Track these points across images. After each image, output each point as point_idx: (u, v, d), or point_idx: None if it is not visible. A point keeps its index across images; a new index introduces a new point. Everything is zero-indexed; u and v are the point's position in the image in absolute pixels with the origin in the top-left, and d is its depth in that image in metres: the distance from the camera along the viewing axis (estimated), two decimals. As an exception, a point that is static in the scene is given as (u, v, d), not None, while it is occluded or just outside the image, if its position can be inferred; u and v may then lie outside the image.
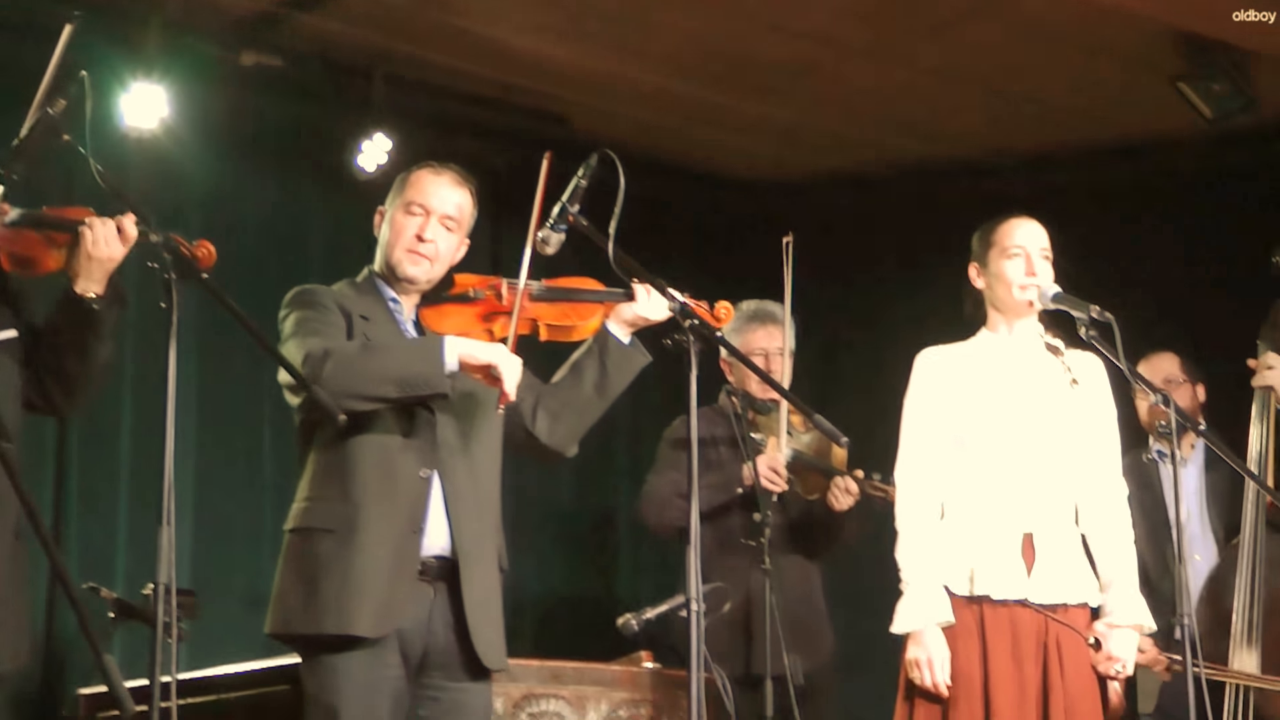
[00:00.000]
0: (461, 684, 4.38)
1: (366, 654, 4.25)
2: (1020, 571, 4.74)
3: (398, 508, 4.31)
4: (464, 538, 4.37)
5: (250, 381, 7.12)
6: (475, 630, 4.34)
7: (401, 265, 4.50)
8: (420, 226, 4.51)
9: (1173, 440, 4.73)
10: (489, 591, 4.43)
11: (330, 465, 4.36)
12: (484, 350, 4.28)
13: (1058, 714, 4.65)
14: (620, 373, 4.53)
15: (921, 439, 4.91)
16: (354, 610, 4.23)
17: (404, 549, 4.29)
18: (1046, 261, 4.90)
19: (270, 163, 7.57)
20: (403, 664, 4.31)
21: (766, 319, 6.27)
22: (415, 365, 4.27)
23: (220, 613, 6.80)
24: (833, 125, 8.01)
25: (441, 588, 4.35)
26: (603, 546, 8.51)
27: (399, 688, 4.30)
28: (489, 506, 4.49)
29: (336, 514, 4.31)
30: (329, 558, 4.27)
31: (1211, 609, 6.17)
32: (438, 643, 4.34)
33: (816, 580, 6.24)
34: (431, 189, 4.55)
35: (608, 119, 7.80)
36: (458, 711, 4.38)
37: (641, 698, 5.35)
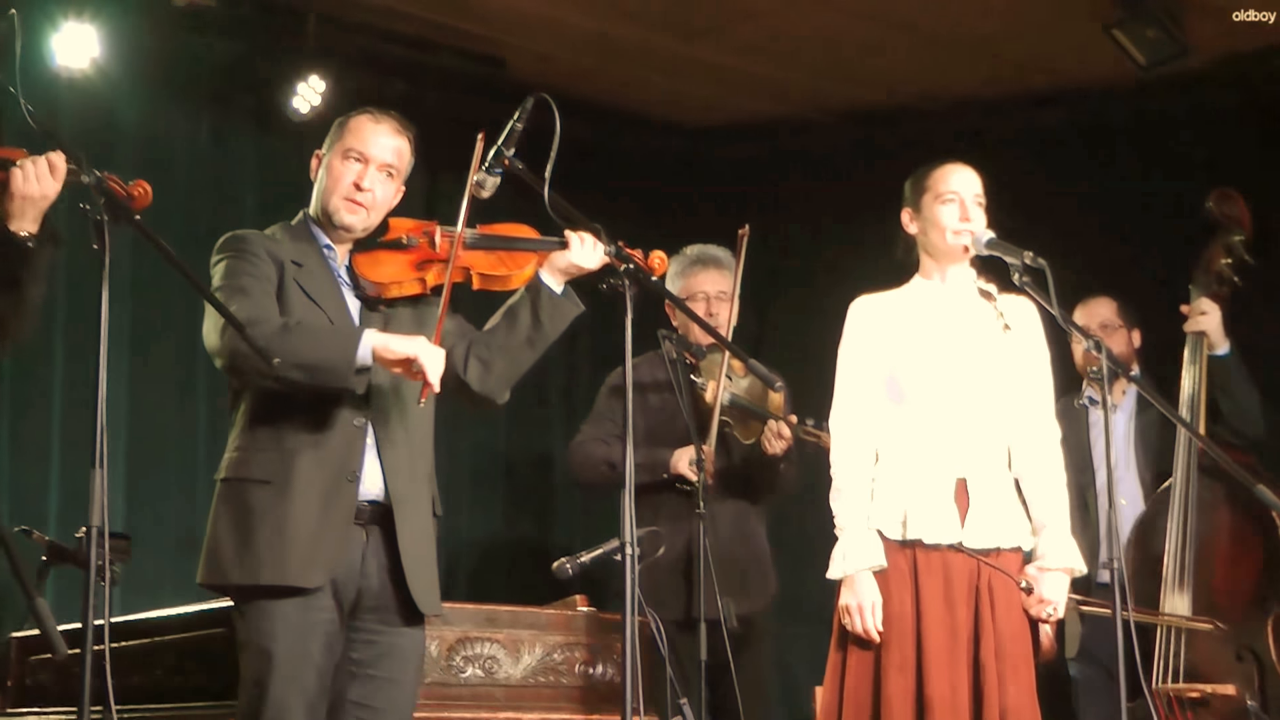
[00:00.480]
0: (395, 628, 4.38)
1: (299, 599, 4.24)
2: (953, 516, 4.76)
3: (331, 457, 4.30)
4: (397, 484, 4.36)
5: (183, 324, 7.08)
6: (410, 575, 4.34)
7: (339, 214, 4.48)
8: (358, 175, 4.48)
9: (1104, 385, 4.76)
10: (423, 537, 4.43)
11: (262, 415, 4.34)
12: (402, 345, 4.22)
13: (989, 657, 4.68)
14: (553, 322, 4.52)
15: (855, 386, 4.92)
16: (290, 560, 4.22)
17: (339, 498, 4.29)
18: (980, 207, 4.91)
19: (203, 104, 7.52)
20: (336, 608, 4.30)
21: (710, 263, 6.28)
22: (327, 356, 4.21)
23: (153, 556, 6.80)
24: (766, 70, 8.00)
25: (375, 532, 4.35)
26: (537, 491, 8.51)
27: (332, 631, 4.30)
28: (422, 453, 4.48)
29: (270, 464, 4.29)
30: (263, 508, 4.26)
31: (1140, 553, 6.22)
32: (371, 587, 4.34)
33: (757, 524, 6.26)
34: (371, 136, 4.52)
35: (544, 62, 7.78)
36: (391, 655, 4.39)
37: (576, 641, 5.37)
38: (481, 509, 8.25)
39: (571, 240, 4.47)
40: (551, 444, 8.43)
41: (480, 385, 4.55)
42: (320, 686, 4.28)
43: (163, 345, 7.23)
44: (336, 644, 4.33)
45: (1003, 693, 4.66)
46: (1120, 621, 4.44)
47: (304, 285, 4.38)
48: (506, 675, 5.22)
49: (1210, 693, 5.96)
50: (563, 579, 4.77)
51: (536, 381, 8.09)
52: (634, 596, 4.09)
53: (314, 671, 4.26)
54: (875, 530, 4.78)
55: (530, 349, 4.54)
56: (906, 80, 8.08)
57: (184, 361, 7.24)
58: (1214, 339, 6.28)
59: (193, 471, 7.19)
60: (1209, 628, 5.95)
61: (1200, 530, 6.10)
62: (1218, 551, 6.11)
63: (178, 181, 7.27)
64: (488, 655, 5.18)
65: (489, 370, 4.54)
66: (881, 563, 4.75)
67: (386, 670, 4.38)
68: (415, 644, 4.46)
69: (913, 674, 4.70)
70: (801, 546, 6.34)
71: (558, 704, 5.33)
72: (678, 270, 6.30)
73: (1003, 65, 7.83)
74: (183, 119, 7.44)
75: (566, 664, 5.35)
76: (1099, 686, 6.29)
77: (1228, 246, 6.39)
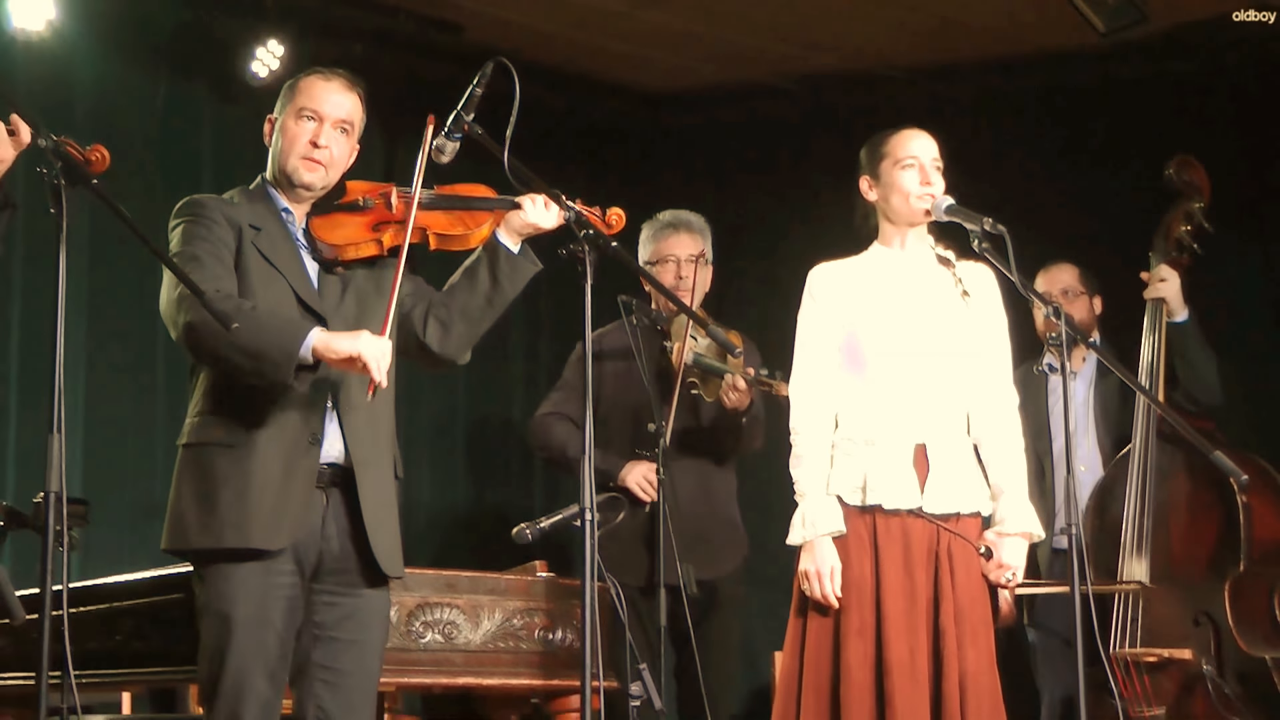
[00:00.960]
0: (358, 590, 4.38)
1: (260, 563, 4.24)
2: (913, 482, 4.77)
3: (293, 419, 4.29)
4: (359, 446, 4.36)
5: (141, 289, 7.03)
6: (373, 537, 4.34)
7: (298, 173, 4.46)
8: (314, 132, 4.47)
9: (1063, 352, 4.78)
10: (385, 499, 4.43)
11: (223, 379, 4.32)
12: (345, 344, 4.18)
13: (948, 622, 4.70)
14: (510, 281, 4.52)
15: (815, 353, 4.93)
16: (253, 523, 4.22)
17: (302, 460, 4.28)
18: (939, 172, 4.92)
19: (161, 68, 7.46)
20: (297, 571, 4.30)
21: (681, 226, 6.30)
22: (269, 348, 4.17)
23: (111, 522, 6.77)
24: (728, 35, 7.98)
25: (335, 495, 4.35)
26: (498, 456, 8.51)
27: (292, 595, 4.30)
28: (383, 415, 4.48)
29: (231, 428, 4.28)
30: (226, 472, 4.25)
31: (1098, 519, 6.25)
32: (332, 550, 4.34)
33: (722, 487, 6.26)
34: (323, 94, 4.50)
35: (502, 27, 7.74)
36: (355, 617, 4.38)
37: (535, 606, 5.37)
38: (441, 474, 8.25)
39: (525, 200, 4.48)
40: (512, 409, 8.43)
41: (440, 346, 4.55)
42: (281, 652, 4.28)
43: (121, 310, 7.18)
44: (297, 608, 4.32)
45: (962, 657, 4.69)
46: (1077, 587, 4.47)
47: (262, 249, 4.37)
48: (466, 641, 5.22)
49: (1167, 657, 6.00)
50: (522, 544, 4.77)
51: (497, 345, 8.09)
52: (593, 562, 4.10)
53: (274, 636, 4.26)
54: (835, 496, 4.80)
55: (489, 308, 4.54)
56: (866, 46, 8.06)
57: (142, 326, 7.19)
58: (1173, 306, 6.30)
59: (151, 437, 7.16)
60: (1135, 587, 5.98)
61: (1158, 496, 6.13)
62: (1175, 517, 6.15)
63: (135, 145, 7.22)
64: (447, 621, 5.18)
65: (448, 331, 4.55)
66: (841, 528, 4.76)
67: (350, 632, 4.38)
68: (379, 605, 4.46)
69: (872, 639, 4.71)
70: (761, 512, 6.36)
71: (517, 669, 5.33)
72: (649, 235, 6.33)
73: (962, 31, 7.82)
74: (140, 82, 7.39)
75: (526, 629, 5.35)
76: (1057, 652, 6.34)
77: (1188, 214, 6.42)
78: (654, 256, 6.26)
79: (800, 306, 5.00)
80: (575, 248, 4.29)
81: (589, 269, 4.25)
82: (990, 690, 4.73)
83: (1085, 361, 6.60)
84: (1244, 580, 6.01)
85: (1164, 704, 5.97)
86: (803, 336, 4.97)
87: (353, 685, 4.37)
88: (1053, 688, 6.42)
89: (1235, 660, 5.93)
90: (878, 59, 8.20)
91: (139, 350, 7.26)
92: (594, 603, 4.08)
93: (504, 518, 7.41)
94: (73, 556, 4.19)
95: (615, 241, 4.42)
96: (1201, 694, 5.93)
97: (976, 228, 4.69)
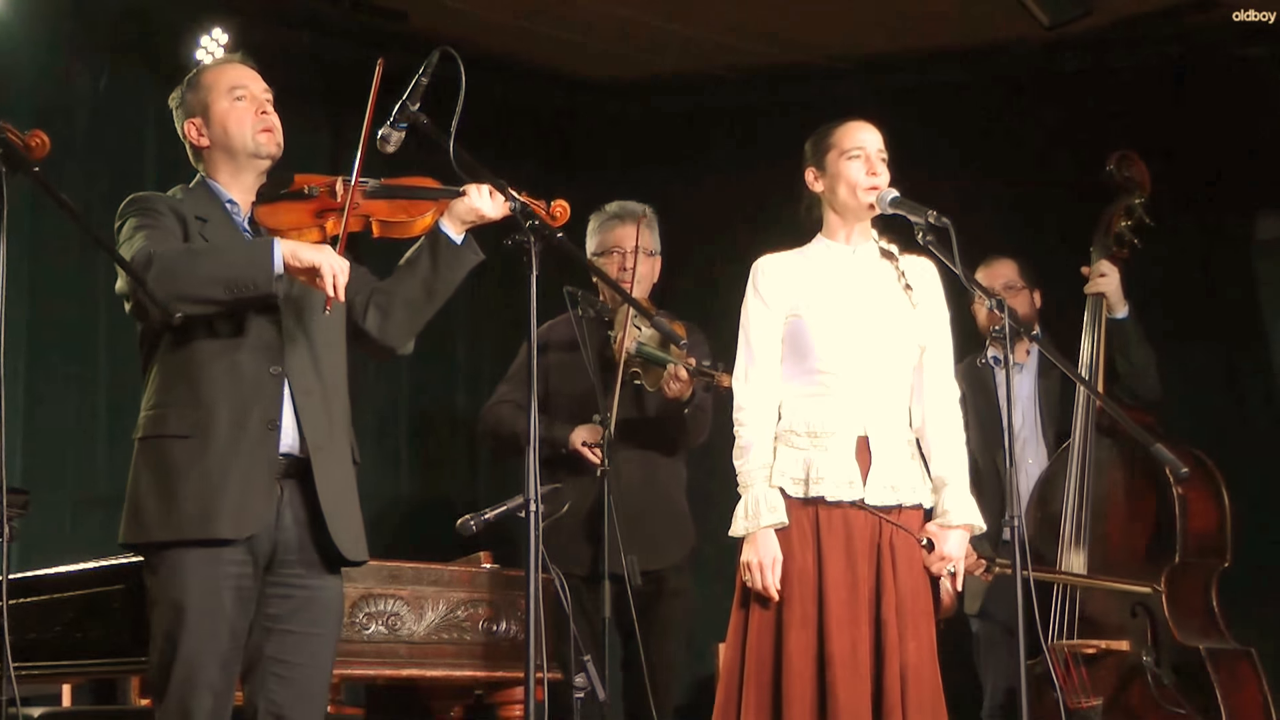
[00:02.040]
0: (312, 580, 4.38)
1: (210, 552, 4.23)
2: (855, 474, 4.79)
3: (250, 407, 4.29)
4: (314, 434, 4.36)
5: (84, 278, 7.02)
6: (333, 523, 4.34)
7: (263, 145, 4.50)
8: (259, 104, 4.52)
9: (1005, 345, 4.80)
10: (344, 485, 4.44)
11: (176, 370, 4.32)
12: (309, 252, 4.24)
13: (890, 613, 4.72)
14: (451, 270, 4.52)
15: (758, 344, 4.93)
16: (216, 514, 4.21)
17: (261, 447, 4.28)
18: (884, 163, 4.93)
19: (104, 55, 7.42)
20: (250, 562, 4.29)
21: (626, 218, 6.29)
22: (242, 267, 4.21)
23: (52, 512, 6.74)
24: (673, 25, 7.97)
25: (290, 485, 4.34)
26: (442, 447, 8.50)
27: (245, 586, 4.29)
28: (337, 401, 4.48)
29: (188, 418, 4.28)
30: (185, 463, 4.25)
31: (1040, 511, 6.29)
32: (287, 540, 4.34)
33: (669, 477, 6.26)
34: (241, 75, 4.59)
35: (447, 15, 7.72)
36: (309, 608, 4.37)
37: (480, 598, 5.37)
38: (385, 465, 8.22)
39: (470, 189, 4.48)
40: (456, 400, 8.41)
41: (379, 333, 4.57)
42: (234, 644, 4.28)
43: (61, 299, 7.14)
44: (250, 600, 4.31)
45: (903, 649, 4.70)
46: (1020, 579, 4.49)
47: (209, 239, 4.38)
48: (410, 632, 5.22)
49: (1105, 648, 6.04)
50: (466, 535, 4.76)
51: (441, 336, 8.07)
52: (538, 553, 4.10)
53: (227, 627, 4.25)
54: (777, 488, 4.81)
55: (429, 296, 4.55)
56: (810, 37, 8.07)
57: (84, 315, 7.16)
58: (1113, 301, 6.34)
59: (92, 426, 7.12)
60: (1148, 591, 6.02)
61: (1097, 490, 6.17)
62: (1113, 510, 6.20)
63: (78, 133, 7.18)
64: (391, 612, 5.18)
65: (388, 318, 4.55)
66: (783, 520, 4.77)
67: (303, 625, 4.37)
68: (333, 595, 4.45)
69: (814, 630, 4.72)
70: (704, 502, 6.36)
71: (461, 661, 5.33)
72: (595, 226, 6.33)
73: (908, 23, 7.83)
74: (83, 70, 7.35)
75: (470, 621, 5.35)
76: (999, 642, 6.37)
77: (1128, 208, 6.46)
78: (600, 248, 6.26)
79: (744, 298, 5.00)
80: (521, 239, 4.29)
81: (534, 260, 4.25)
82: (931, 681, 4.75)
83: (1029, 355, 6.63)
84: (1180, 572, 6.06)
85: (1102, 694, 6.02)
86: (746, 328, 4.97)
87: (305, 678, 4.36)
88: (995, 678, 6.46)
89: (1171, 651, 5.97)
90: (822, 50, 8.21)
91: (80, 339, 7.22)
92: (538, 594, 4.08)
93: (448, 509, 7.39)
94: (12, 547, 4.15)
95: (560, 233, 4.42)
96: (1139, 684, 5.97)
97: (921, 220, 4.70)
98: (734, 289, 5.07)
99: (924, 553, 4.82)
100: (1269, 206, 7.69)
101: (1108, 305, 6.34)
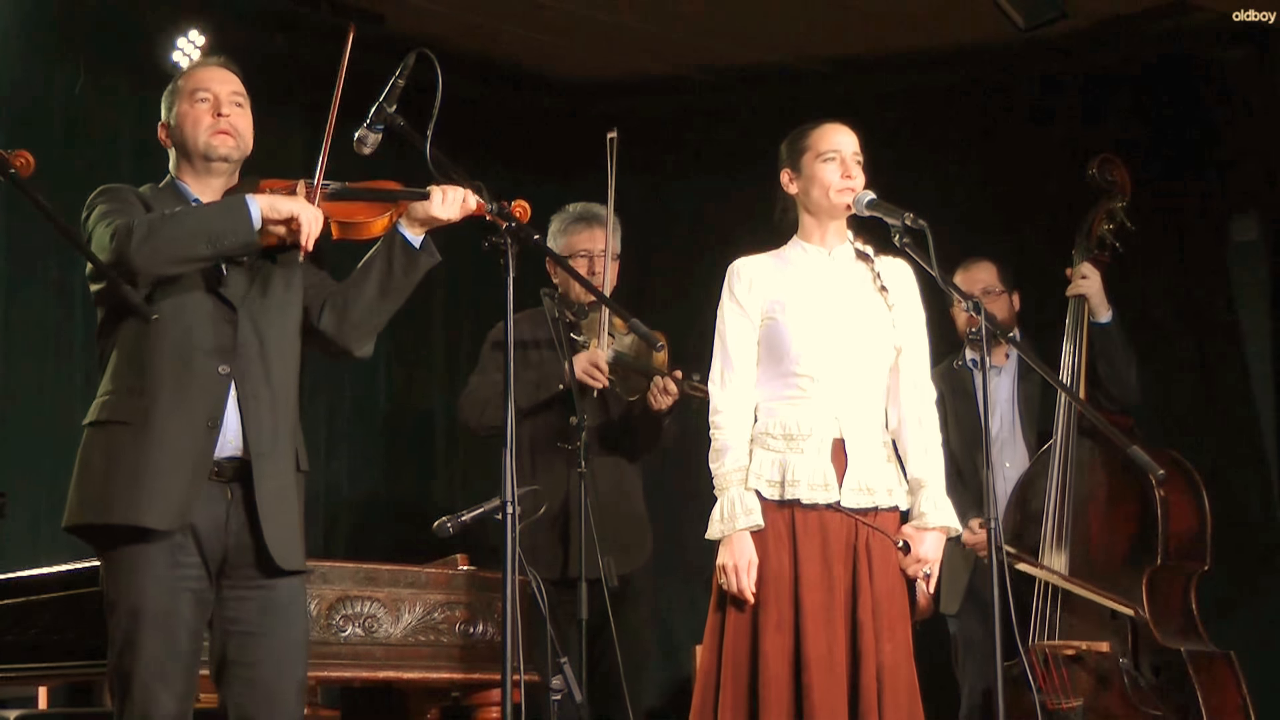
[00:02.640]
0: (264, 583, 4.36)
1: (163, 554, 4.23)
2: (831, 476, 4.78)
3: (193, 402, 4.29)
4: (259, 439, 4.34)
5: (60, 279, 7.01)
6: (269, 530, 4.32)
7: (214, 148, 4.49)
8: (213, 106, 4.51)
9: (983, 347, 4.80)
10: (283, 491, 4.40)
11: (129, 359, 4.34)
12: (286, 203, 4.30)
13: (866, 615, 4.72)
14: (406, 272, 4.52)
15: (734, 347, 4.93)
16: (143, 501, 4.21)
17: (198, 444, 4.27)
18: (859, 166, 4.93)
19: (81, 57, 7.40)
20: (203, 565, 4.29)
21: (591, 221, 6.26)
22: (223, 220, 4.27)
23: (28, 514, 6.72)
24: (648, 27, 7.97)
25: (237, 489, 4.33)
26: (418, 449, 8.49)
27: (201, 588, 4.29)
28: (284, 407, 4.45)
29: (131, 407, 4.29)
30: (121, 449, 4.26)
31: (1020, 513, 6.30)
32: (237, 544, 4.33)
33: (636, 482, 6.26)
34: (207, 75, 4.58)
35: (424, 17, 7.72)
36: (267, 611, 4.36)
37: (456, 600, 5.36)
38: (361, 466, 8.22)
39: (434, 193, 4.47)
40: (433, 401, 8.40)
41: (335, 332, 4.56)
42: (192, 646, 4.27)
43: (36, 298, 7.13)
44: (206, 602, 4.31)
45: (879, 650, 4.70)
46: (996, 580, 4.49)
47: None
48: (386, 634, 5.21)
49: (1085, 650, 6.05)
50: (443, 537, 4.76)
51: (417, 337, 8.06)
52: (514, 555, 4.09)
53: (185, 629, 4.25)
54: (753, 490, 4.80)
55: (383, 297, 4.54)
56: (786, 39, 8.08)
57: (59, 315, 7.15)
58: (1094, 305, 6.35)
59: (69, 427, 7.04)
60: (1131, 613, 6.03)
61: (1078, 491, 6.19)
62: (1094, 512, 6.21)
63: (54, 134, 7.17)
64: (367, 614, 5.16)
65: (343, 318, 4.55)
66: (759, 523, 4.77)
67: (261, 627, 4.35)
68: (289, 596, 4.42)
69: (790, 633, 4.72)
70: (682, 505, 6.36)
71: (437, 663, 5.31)
72: (559, 228, 6.30)
73: (883, 25, 7.83)
74: (60, 71, 7.33)
75: (447, 623, 5.34)
76: (977, 643, 6.38)
77: (1109, 212, 6.47)
78: (566, 250, 6.21)
79: (719, 301, 5.00)
80: (497, 240, 4.29)
81: (510, 262, 4.25)
82: (907, 682, 4.76)
83: (1009, 358, 6.64)
84: (1160, 574, 6.08)
85: (1081, 696, 6.03)
86: (722, 331, 4.97)
87: (268, 680, 4.35)
88: (972, 680, 6.47)
89: (1151, 653, 5.99)
90: (797, 52, 8.21)
91: (55, 339, 7.20)
92: (515, 596, 4.08)
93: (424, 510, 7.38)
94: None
95: (537, 235, 4.42)
96: (1118, 686, 5.98)
97: (897, 222, 4.70)
98: (709, 292, 5.06)
99: (900, 554, 4.82)
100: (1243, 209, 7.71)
101: (1090, 309, 6.35)
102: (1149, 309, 7.39)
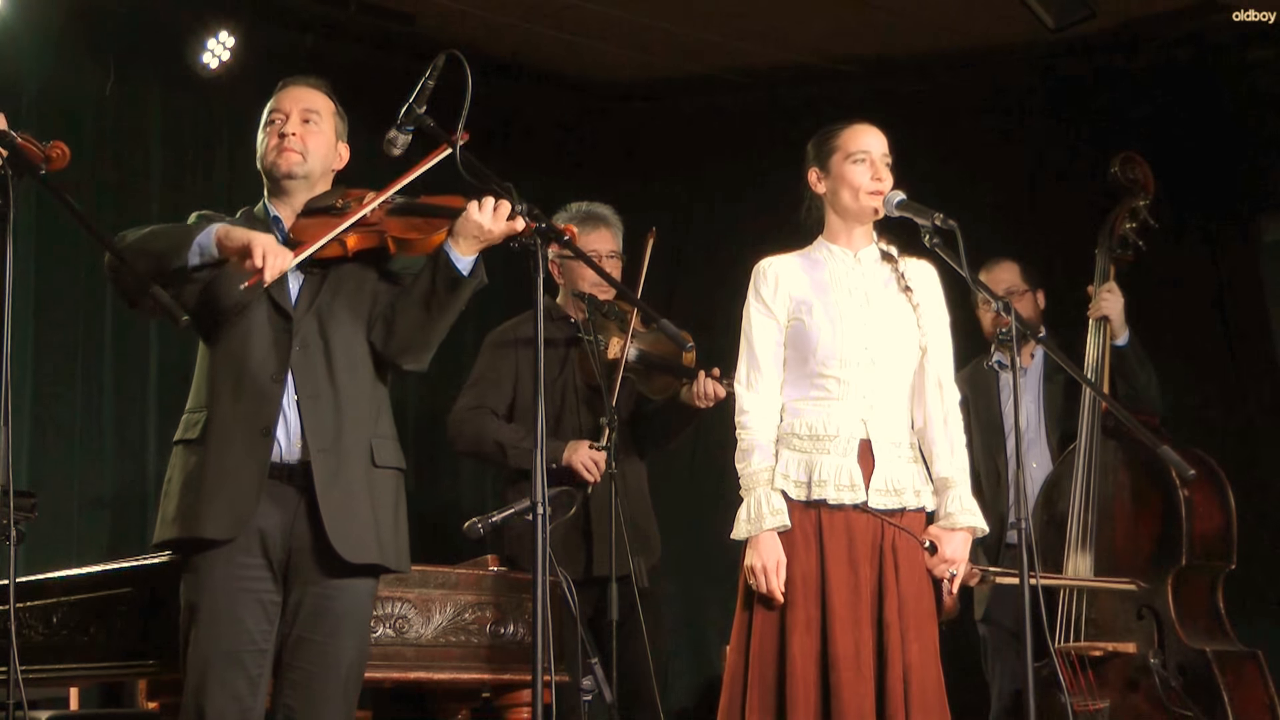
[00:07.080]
0: (334, 582, 4.40)
1: (222, 557, 4.33)
2: (857, 477, 4.78)
3: (247, 413, 4.37)
4: (318, 436, 4.39)
5: (89, 280, 7.02)
6: (333, 527, 4.35)
7: (275, 165, 4.58)
8: (279, 126, 4.59)
9: (1013, 348, 4.79)
10: (349, 486, 4.42)
11: (201, 378, 4.50)
12: (240, 233, 4.34)
13: (892, 616, 4.72)
14: (448, 289, 4.46)
15: (760, 347, 4.92)
16: (203, 513, 4.31)
17: (254, 453, 4.34)
18: (888, 167, 4.92)
19: (111, 57, 7.42)
20: (268, 567, 4.37)
21: (598, 221, 6.24)
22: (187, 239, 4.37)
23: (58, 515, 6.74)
24: (676, 28, 7.98)
25: (303, 490, 4.38)
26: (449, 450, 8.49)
27: (262, 589, 4.36)
28: (351, 404, 4.48)
29: (196, 423, 4.43)
30: (188, 465, 4.40)
31: (1045, 514, 6.29)
32: (302, 545, 4.38)
33: (644, 481, 6.28)
34: (283, 95, 4.67)
35: (454, 19, 7.73)
36: (324, 615, 4.41)
37: (487, 600, 5.36)
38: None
39: (470, 204, 4.42)
40: (463, 402, 8.40)
41: (383, 347, 4.57)
42: (254, 649, 4.35)
43: (68, 302, 7.15)
44: (270, 603, 4.38)
45: (906, 651, 4.70)
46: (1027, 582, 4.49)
47: None
48: (417, 635, 5.21)
49: (1112, 651, 6.04)
50: (474, 538, 4.77)
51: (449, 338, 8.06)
52: (544, 556, 4.10)
53: (243, 632, 4.33)
54: (780, 491, 4.81)
55: (428, 315, 4.51)
56: (815, 40, 8.08)
57: (90, 319, 7.17)
58: (1115, 327, 6.34)
59: (98, 429, 7.13)
60: (1132, 588, 6.02)
61: (1103, 491, 6.18)
62: (1119, 512, 6.20)
63: (85, 135, 7.18)
64: (399, 615, 5.17)
65: (390, 333, 4.55)
66: (786, 523, 4.77)
67: (316, 631, 4.40)
68: (354, 599, 4.47)
69: (817, 633, 4.73)
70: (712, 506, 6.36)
71: (468, 663, 5.32)
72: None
73: (912, 26, 7.83)
74: (90, 72, 7.35)
75: (477, 623, 5.34)
76: (1005, 645, 6.38)
77: (1132, 210, 6.46)
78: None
79: (746, 301, 5.00)
80: (527, 241, 4.29)
81: (541, 263, 4.26)
82: (934, 683, 4.75)
83: (1034, 358, 6.62)
84: (1186, 574, 6.07)
85: (1109, 697, 6.02)
86: (748, 331, 4.97)
87: (315, 683, 4.40)
88: (1002, 681, 6.46)
89: (1177, 653, 5.97)
90: (825, 53, 8.21)
91: (86, 344, 7.22)
92: (545, 597, 4.08)
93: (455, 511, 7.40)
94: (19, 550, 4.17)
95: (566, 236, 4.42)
96: (1145, 687, 5.98)
97: (927, 223, 4.69)
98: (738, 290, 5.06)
99: (926, 555, 4.82)
100: (1273, 208, 7.70)
101: (1111, 330, 6.34)
102: (1178, 308, 7.38)
